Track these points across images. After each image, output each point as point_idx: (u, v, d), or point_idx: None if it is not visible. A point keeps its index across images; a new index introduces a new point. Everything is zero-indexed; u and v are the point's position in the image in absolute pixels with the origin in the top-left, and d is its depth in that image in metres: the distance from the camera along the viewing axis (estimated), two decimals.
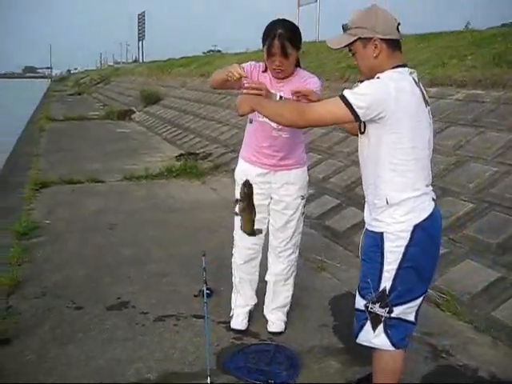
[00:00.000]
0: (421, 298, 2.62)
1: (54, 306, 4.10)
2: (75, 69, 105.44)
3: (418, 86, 2.53)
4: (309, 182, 3.77)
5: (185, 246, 5.51)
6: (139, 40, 45.60)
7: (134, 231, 6.01)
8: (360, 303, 2.66)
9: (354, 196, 6.29)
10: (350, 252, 5.33)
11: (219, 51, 38.73)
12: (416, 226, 2.48)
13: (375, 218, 2.61)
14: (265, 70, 3.52)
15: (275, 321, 3.79)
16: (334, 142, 7.89)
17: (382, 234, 2.55)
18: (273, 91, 3.17)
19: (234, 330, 3.77)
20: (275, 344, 3.56)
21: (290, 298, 3.84)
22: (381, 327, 2.59)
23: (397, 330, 2.59)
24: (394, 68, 2.55)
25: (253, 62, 3.57)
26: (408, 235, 2.48)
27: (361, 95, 2.43)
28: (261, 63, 3.56)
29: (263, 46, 3.39)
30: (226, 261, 4.64)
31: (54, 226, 6.13)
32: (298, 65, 3.59)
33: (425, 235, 2.50)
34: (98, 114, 20.28)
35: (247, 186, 3.12)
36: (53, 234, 5.84)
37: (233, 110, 12.75)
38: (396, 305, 2.55)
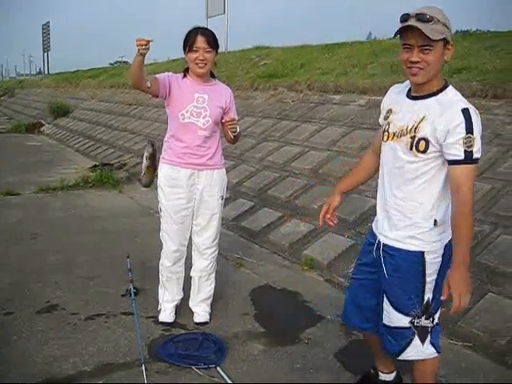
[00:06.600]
0: None
1: None
2: None
3: None
4: (227, 183, 4.09)
5: (108, 250, 5.69)
6: (44, 51, 44.13)
7: (57, 239, 6.09)
8: (403, 321, 2.63)
9: (266, 198, 6.70)
10: (265, 249, 5.71)
11: (126, 62, 38.39)
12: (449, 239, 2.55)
13: (412, 236, 2.57)
14: (184, 77, 3.82)
15: (200, 312, 4.06)
16: (245, 149, 8.30)
17: (422, 252, 2.55)
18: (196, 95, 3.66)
19: (162, 323, 4.01)
20: (202, 332, 3.84)
21: (212, 290, 4.13)
22: (429, 338, 2.65)
23: (436, 335, 2.69)
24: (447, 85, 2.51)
25: (170, 73, 3.83)
26: (443, 245, 2.56)
27: (479, 143, 2.36)
28: (178, 74, 3.84)
29: (185, 48, 3.68)
30: (148, 262, 4.93)
31: None
32: (212, 75, 3.92)
33: (451, 244, 2.54)
34: (4, 127, 19.65)
35: (152, 147, 3.98)
36: None
37: (145, 121, 12.90)
38: (436, 312, 2.64)
